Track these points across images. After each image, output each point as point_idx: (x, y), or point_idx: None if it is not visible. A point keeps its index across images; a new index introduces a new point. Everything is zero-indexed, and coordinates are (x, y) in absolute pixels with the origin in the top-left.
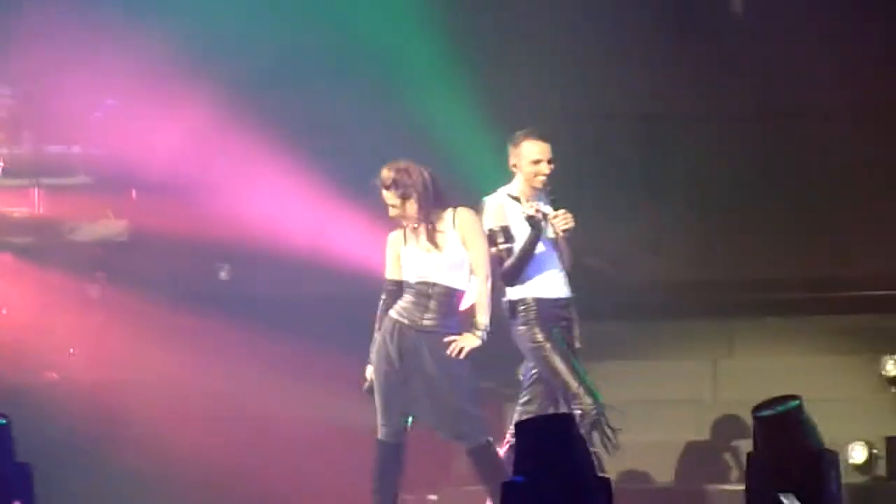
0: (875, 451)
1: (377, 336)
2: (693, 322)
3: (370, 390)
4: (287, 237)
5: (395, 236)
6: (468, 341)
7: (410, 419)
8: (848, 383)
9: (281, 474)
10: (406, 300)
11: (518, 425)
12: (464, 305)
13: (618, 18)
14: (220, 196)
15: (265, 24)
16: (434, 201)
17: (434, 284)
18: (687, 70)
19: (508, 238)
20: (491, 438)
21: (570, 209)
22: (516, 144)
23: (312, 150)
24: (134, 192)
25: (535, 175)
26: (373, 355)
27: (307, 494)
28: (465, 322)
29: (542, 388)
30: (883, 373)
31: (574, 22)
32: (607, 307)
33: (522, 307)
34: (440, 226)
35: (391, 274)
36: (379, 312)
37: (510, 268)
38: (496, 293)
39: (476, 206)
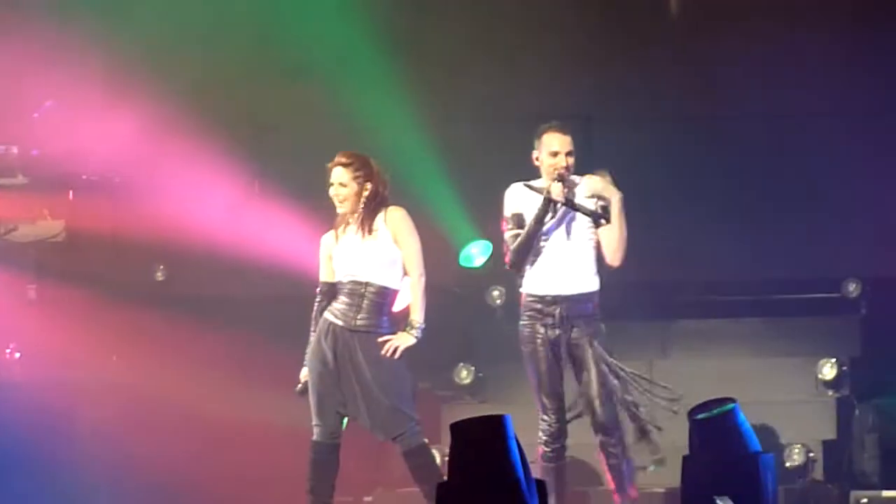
0: (812, 454)
1: (312, 338)
2: (628, 323)
3: (304, 392)
4: (222, 238)
5: (327, 238)
6: (402, 340)
7: (345, 420)
8: (785, 386)
9: (219, 473)
10: (340, 301)
11: (452, 426)
12: (398, 305)
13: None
14: (156, 197)
15: (207, 25)
16: (381, 200)
17: (367, 284)
18: (623, 72)
19: (520, 226)
20: (426, 440)
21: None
22: (539, 136)
23: (250, 151)
24: (71, 193)
25: (553, 167)
26: (308, 357)
27: (246, 494)
28: (400, 322)
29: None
30: (820, 376)
31: (523, 22)
32: None
33: (523, 303)
34: (374, 224)
35: (324, 275)
36: (314, 314)
37: (511, 254)
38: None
39: (408, 207)
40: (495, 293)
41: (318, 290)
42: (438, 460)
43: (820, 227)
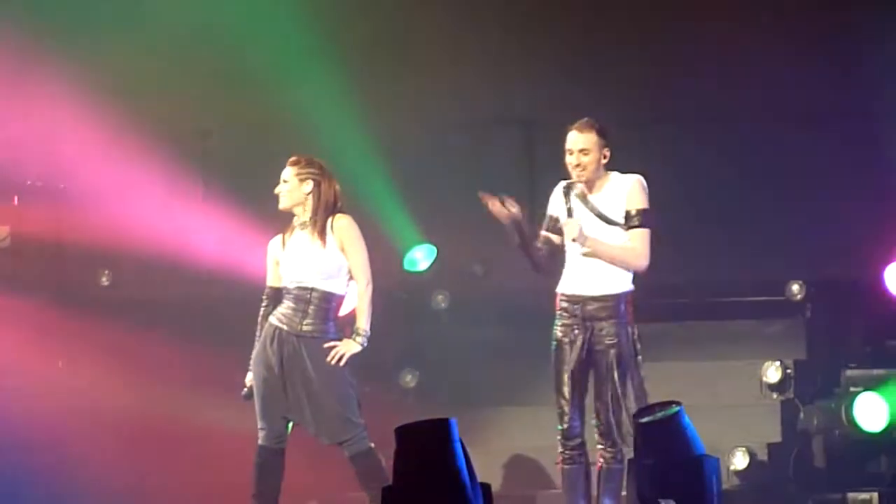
0: (756, 456)
1: (257, 342)
2: None
3: (249, 396)
4: (168, 242)
5: (273, 242)
6: (348, 347)
7: (290, 424)
8: (729, 389)
9: (166, 480)
10: (285, 306)
11: (397, 430)
12: (344, 311)
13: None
14: (101, 201)
15: (153, 26)
16: (330, 206)
17: (313, 289)
18: (569, 75)
19: (551, 228)
20: (373, 444)
21: (453, 212)
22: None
23: (195, 156)
24: (16, 199)
25: (569, 166)
26: (253, 361)
27: (193, 500)
28: (345, 327)
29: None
30: (764, 379)
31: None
32: (486, 311)
33: (557, 302)
34: (322, 231)
35: (271, 280)
36: (259, 318)
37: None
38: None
39: (352, 210)
40: (440, 297)
41: (263, 294)
42: (384, 464)
43: (762, 227)
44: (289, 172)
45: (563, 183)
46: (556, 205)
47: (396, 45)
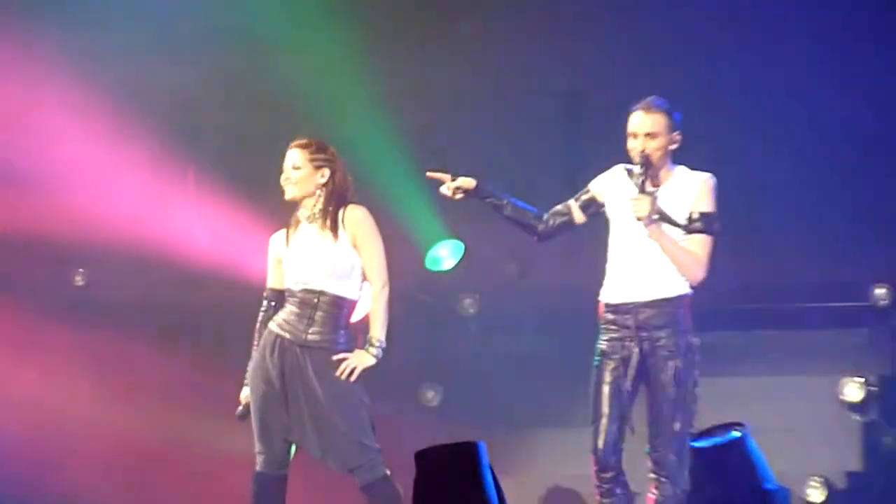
0: (834, 487)
1: (255, 353)
2: None
3: (245, 415)
4: (151, 237)
5: (276, 238)
6: (360, 360)
7: (293, 448)
8: (802, 409)
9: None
10: (288, 311)
11: (418, 455)
12: (356, 317)
13: None
14: (76, 192)
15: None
16: (341, 197)
17: (321, 293)
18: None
19: (582, 202)
20: (388, 472)
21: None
22: (629, 114)
23: (183, 136)
24: None
25: (632, 151)
26: (250, 375)
27: None
28: (358, 336)
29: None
30: (843, 397)
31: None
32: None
33: (600, 314)
34: (332, 225)
35: (272, 281)
36: (258, 325)
37: None
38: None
39: (368, 202)
40: (467, 301)
41: (263, 297)
42: (401, 494)
43: (842, 222)
44: (300, 158)
45: (623, 165)
46: (606, 184)
47: (418, 10)
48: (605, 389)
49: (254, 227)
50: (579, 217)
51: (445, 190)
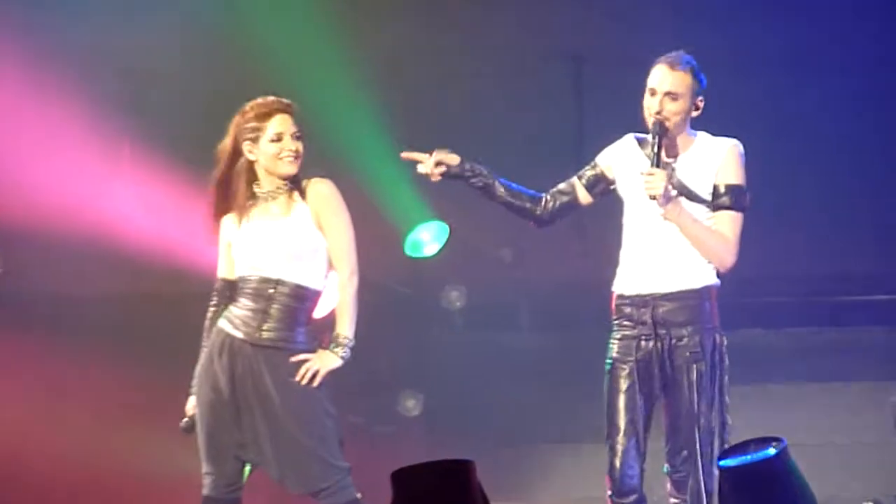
0: None
1: (203, 355)
2: None
3: (190, 428)
4: (81, 218)
5: (227, 219)
6: (325, 362)
7: (248, 468)
8: (849, 421)
9: None
10: (241, 304)
11: (395, 476)
12: (320, 311)
13: None
14: None
15: None
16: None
17: (277, 282)
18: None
19: (586, 178)
20: (360, 495)
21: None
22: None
23: (123, 99)
24: None
25: (648, 110)
26: (196, 381)
27: None
28: (322, 334)
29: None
30: None
31: None
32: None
33: (613, 306)
34: (292, 200)
35: (223, 270)
36: (206, 322)
37: None
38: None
39: (336, 178)
40: (453, 294)
41: (213, 288)
42: None
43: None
44: (296, 126)
45: (634, 135)
46: (616, 156)
47: None
48: (621, 400)
49: (202, 207)
50: (585, 197)
51: (423, 168)
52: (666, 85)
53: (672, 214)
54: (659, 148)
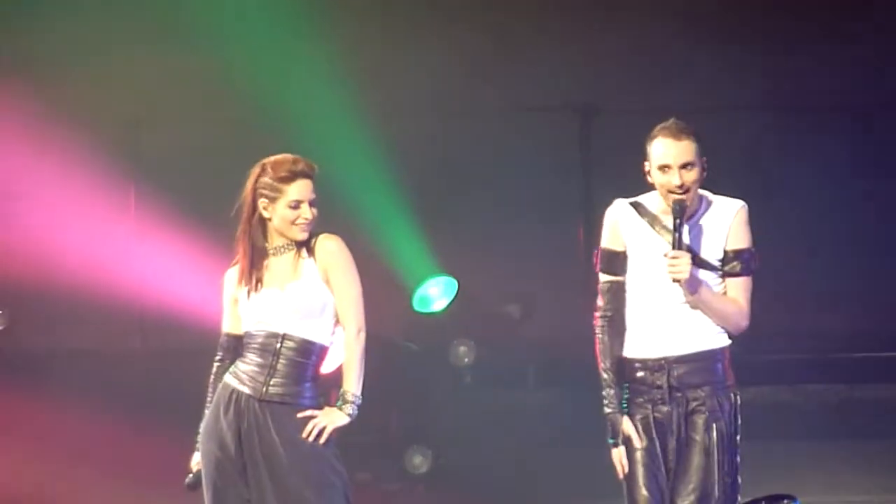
0: None
1: (208, 411)
2: None
3: (195, 485)
4: (84, 272)
5: (232, 274)
6: (331, 419)
7: None
8: (873, 481)
9: None
10: (248, 360)
11: None
12: (327, 367)
13: None
14: None
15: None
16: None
17: (284, 336)
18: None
19: (610, 266)
20: None
21: (479, 232)
22: (649, 142)
23: (128, 149)
24: None
25: (665, 187)
26: (201, 437)
27: None
28: (330, 389)
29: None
30: None
31: None
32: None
33: (626, 371)
34: (300, 256)
35: (228, 325)
36: (211, 378)
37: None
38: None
39: (343, 232)
40: (461, 349)
41: (218, 344)
42: None
43: None
44: (313, 192)
45: (624, 201)
46: (624, 232)
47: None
48: (640, 471)
49: (208, 259)
50: (623, 277)
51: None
52: (681, 157)
53: (695, 296)
54: (680, 227)
